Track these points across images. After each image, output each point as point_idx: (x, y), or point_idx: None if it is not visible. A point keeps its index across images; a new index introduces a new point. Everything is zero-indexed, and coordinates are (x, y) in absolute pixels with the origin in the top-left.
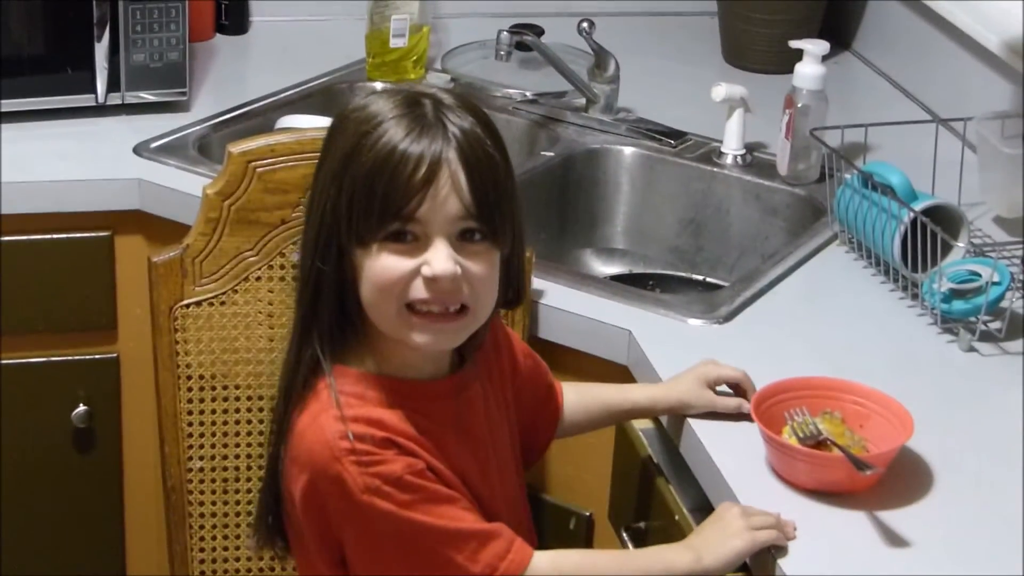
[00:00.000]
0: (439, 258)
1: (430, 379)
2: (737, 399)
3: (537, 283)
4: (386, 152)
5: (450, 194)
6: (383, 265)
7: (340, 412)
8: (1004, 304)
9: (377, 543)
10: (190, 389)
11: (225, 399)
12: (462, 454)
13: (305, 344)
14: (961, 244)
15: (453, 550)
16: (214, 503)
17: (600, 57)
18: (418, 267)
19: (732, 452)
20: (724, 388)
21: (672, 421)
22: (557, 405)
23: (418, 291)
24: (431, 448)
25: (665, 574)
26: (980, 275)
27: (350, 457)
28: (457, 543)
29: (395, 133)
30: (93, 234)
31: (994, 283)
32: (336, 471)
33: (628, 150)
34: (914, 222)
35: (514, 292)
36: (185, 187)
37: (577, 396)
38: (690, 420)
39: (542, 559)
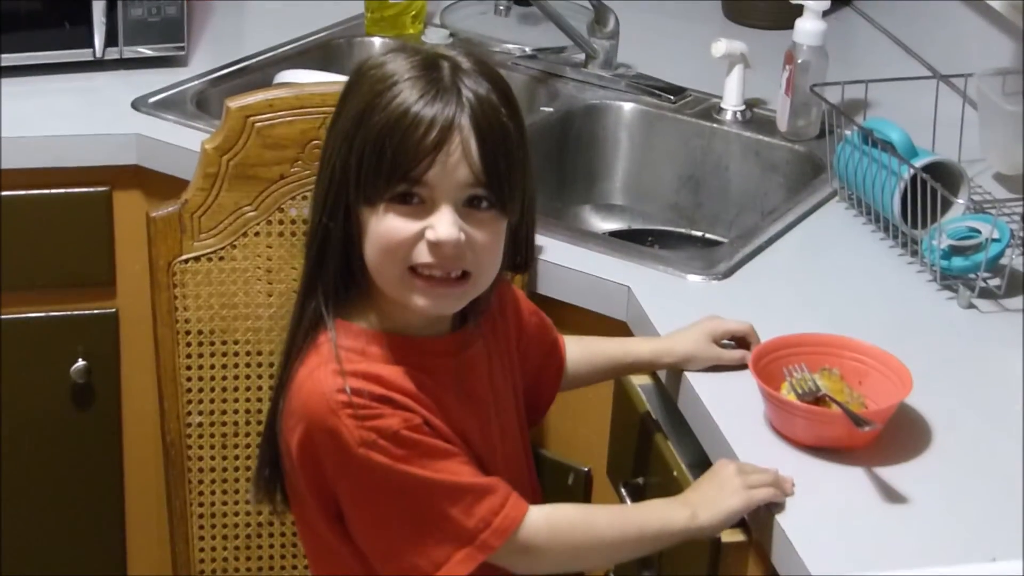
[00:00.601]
0: (443, 223)
1: (431, 336)
2: (741, 351)
3: (536, 239)
4: (398, 113)
5: (460, 160)
6: (388, 226)
7: (339, 366)
8: (1004, 261)
9: (372, 496)
10: (189, 344)
11: (224, 355)
12: (462, 413)
13: (309, 298)
14: (961, 201)
15: (448, 503)
16: (213, 458)
17: (599, 12)
18: (422, 231)
19: (730, 408)
20: (726, 340)
21: (671, 376)
22: (561, 362)
23: (421, 255)
24: (430, 405)
25: (661, 530)
26: (980, 232)
27: (346, 411)
28: (452, 497)
29: (409, 95)
30: (91, 189)
31: (994, 240)
32: (332, 424)
33: (627, 106)
34: (914, 179)
35: (522, 258)
36: (183, 142)
37: (580, 348)
38: (688, 376)
39: (537, 514)
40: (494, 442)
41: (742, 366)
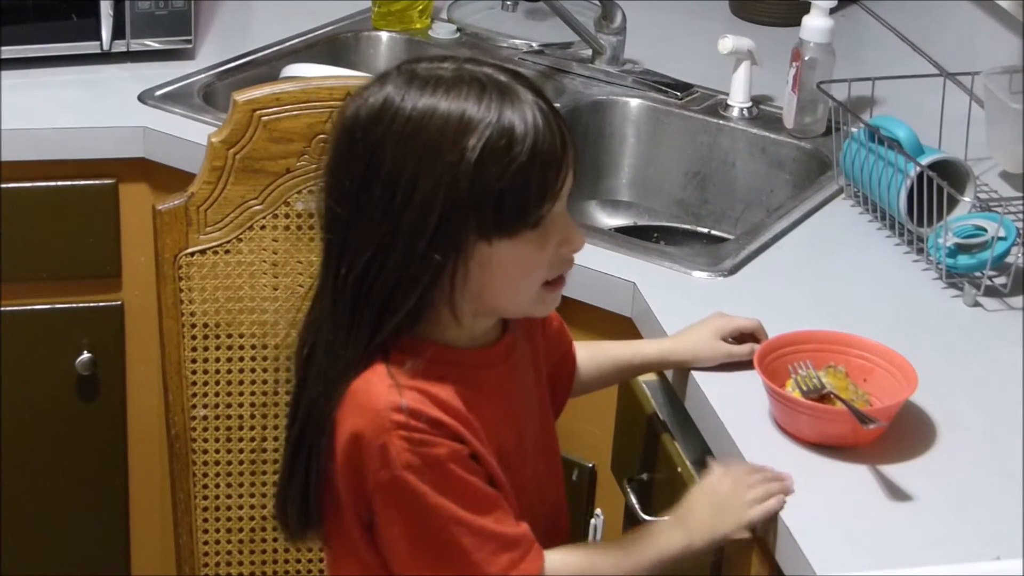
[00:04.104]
0: (577, 234)
1: (482, 347)
2: (750, 344)
3: None
4: (529, 145)
5: (571, 167)
6: (528, 254)
7: (394, 380)
8: (1009, 259)
9: (404, 516)
10: (194, 337)
11: (229, 348)
12: (501, 425)
13: (360, 329)
14: (967, 199)
15: (473, 545)
16: (217, 451)
17: (607, 8)
18: (555, 246)
19: (735, 405)
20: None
21: (676, 373)
22: (573, 366)
23: (560, 266)
24: (475, 426)
25: (660, 560)
26: (986, 230)
27: (399, 431)
28: (479, 540)
29: (519, 123)
30: (98, 182)
31: (1000, 238)
32: (384, 441)
33: (634, 102)
34: (920, 176)
35: None
36: (190, 135)
37: (586, 354)
38: (694, 372)
39: (552, 561)
40: (526, 446)
41: (751, 361)
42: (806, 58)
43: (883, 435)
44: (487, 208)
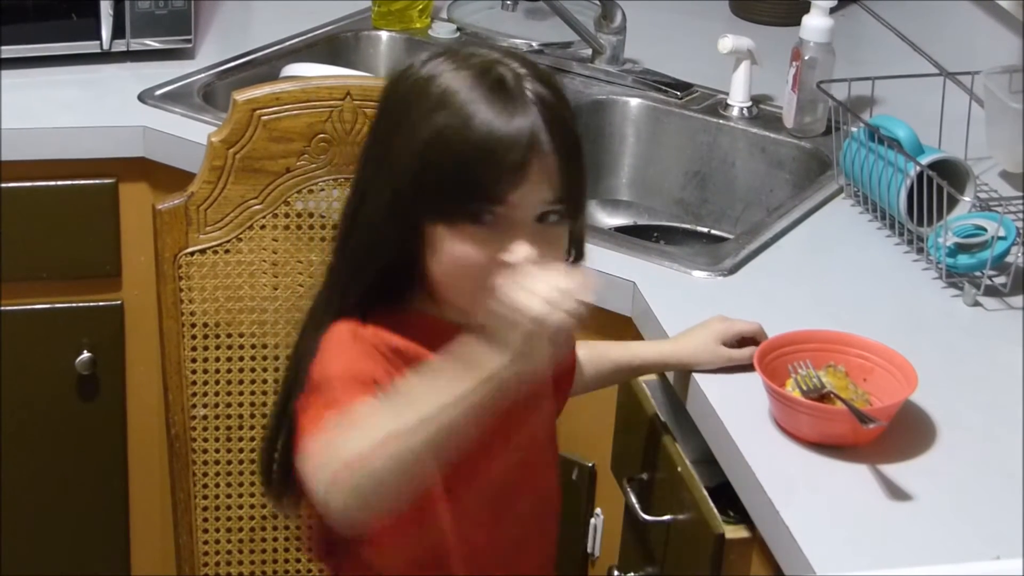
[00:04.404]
0: (521, 249)
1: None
2: (750, 348)
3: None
4: (481, 135)
5: (542, 181)
6: (463, 250)
7: (358, 324)
8: (1009, 259)
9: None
10: (194, 337)
11: (229, 347)
12: None
13: (333, 293)
14: (967, 198)
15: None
16: (217, 451)
17: (606, 8)
18: (497, 254)
19: (735, 405)
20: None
21: (677, 373)
22: (574, 368)
23: (496, 276)
24: None
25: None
26: (986, 230)
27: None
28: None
29: (487, 114)
30: (98, 181)
31: (999, 238)
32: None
33: (634, 101)
34: (920, 176)
35: (575, 256)
36: (190, 135)
37: (587, 354)
38: (694, 373)
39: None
40: (510, 430)
41: (751, 364)
42: (806, 58)
43: (883, 435)
44: (430, 188)
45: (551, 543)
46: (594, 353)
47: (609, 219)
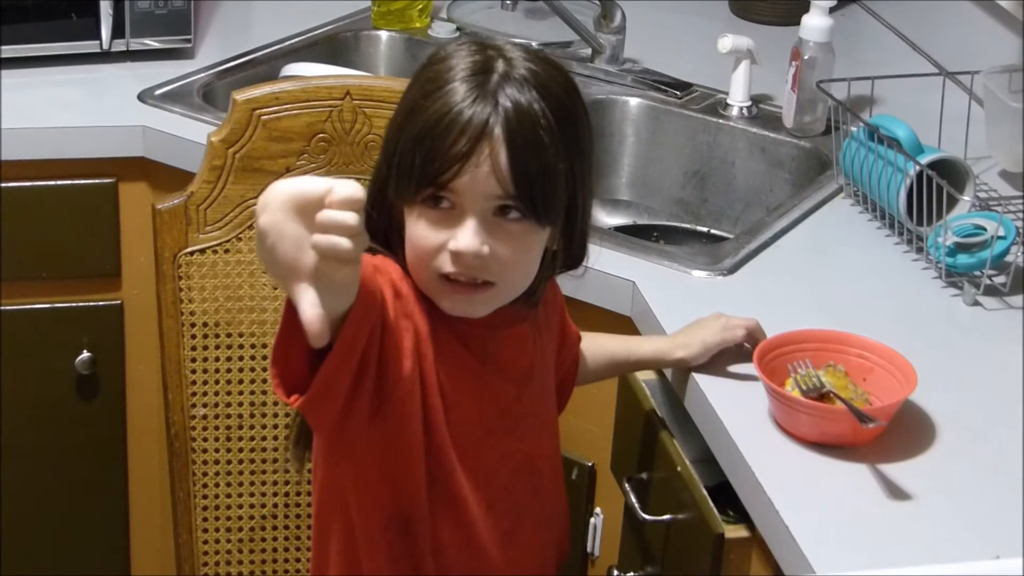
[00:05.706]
0: (465, 235)
1: None
2: (743, 328)
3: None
4: (436, 116)
5: (488, 171)
6: (419, 233)
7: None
8: (1009, 258)
9: None
10: (194, 336)
11: (228, 347)
12: (487, 379)
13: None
14: (967, 198)
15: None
16: (217, 450)
17: (606, 7)
18: (447, 240)
19: (735, 404)
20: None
21: (676, 372)
22: (576, 367)
23: (445, 263)
24: (429, 353)
25: None
26: (985, 229)
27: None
28: None
29: (451, 99)
30: (97, 181)
31: (999, 237)
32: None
33: (634, 101)
34: (920, 175)
35: (573, 258)
36: (189, 134)
37: (585, 346)
38: (694, 372)
39: None
40: (512, 420)
41: (748, 355)
42: (806, 57)
43: (883, 434)
44: (398, 164)
45: (553, 543)
46: (594, 345)
47: (609, 219)
